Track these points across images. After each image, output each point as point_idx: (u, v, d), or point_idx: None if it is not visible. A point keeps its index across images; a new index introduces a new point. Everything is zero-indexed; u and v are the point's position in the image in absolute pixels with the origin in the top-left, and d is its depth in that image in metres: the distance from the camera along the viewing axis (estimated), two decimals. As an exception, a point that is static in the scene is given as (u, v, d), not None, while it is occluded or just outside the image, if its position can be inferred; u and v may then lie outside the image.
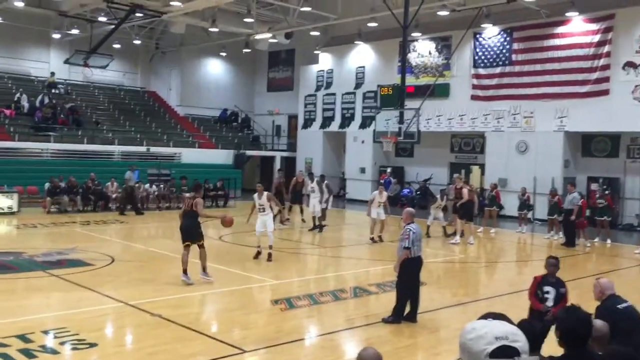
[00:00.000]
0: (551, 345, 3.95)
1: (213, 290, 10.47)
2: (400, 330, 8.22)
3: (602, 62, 21.05)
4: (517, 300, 10.52)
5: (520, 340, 1.81)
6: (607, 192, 18.94)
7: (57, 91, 29.80)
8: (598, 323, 4.32)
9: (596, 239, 17.56)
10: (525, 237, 19.03)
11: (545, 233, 18.71)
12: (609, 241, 17.54)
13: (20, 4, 23.92)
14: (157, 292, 10.01)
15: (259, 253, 12.90)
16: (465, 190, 16.88)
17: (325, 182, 18.73)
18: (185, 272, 10.52)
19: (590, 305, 4.54)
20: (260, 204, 12.94)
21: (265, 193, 13.07)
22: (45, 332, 7.51)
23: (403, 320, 8.44)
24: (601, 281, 5.93)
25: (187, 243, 10.71)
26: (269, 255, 12.89)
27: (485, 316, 3.24)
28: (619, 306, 5.49)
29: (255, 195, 13.06)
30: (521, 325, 3.66)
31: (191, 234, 10.72)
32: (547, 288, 6.79)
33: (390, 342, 7.73)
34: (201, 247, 10.76)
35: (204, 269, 10.80)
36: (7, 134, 24.63)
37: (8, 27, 28.41)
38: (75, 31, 29.07)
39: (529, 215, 20.32)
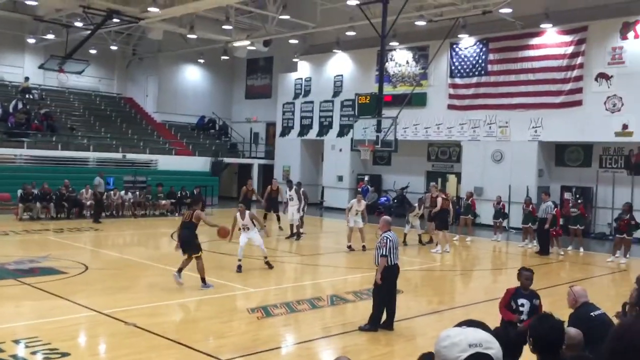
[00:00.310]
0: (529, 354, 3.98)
1: (189, 299, 10.38)
2: (377, 339, 8.24)
3: (575, 73, 21.44)
4: (492, 308, 10.59)
5: (493, 347, 1.82)
6: (580, 201, 19.25)
7: (31, 96, 29.37)
8: (572, 331, 4.37)
9: (569, 247, 17.81)
10: (501, 245, 19.23)
11: (519, 241, 18.92)
12: (581, 249, 17.80)
13: (-6, 8, 23.58)
14: (131, 300, 9.89)
15: (240, 267, 12.80)
16: (439, 199, 17.03)
17: (302, 189, 18.75)
18: (179, 271, 10.79)
19: (563, 313, 4.61)
20: (244, 224, 12.85)
21: (247, 212, 12.98)
22: (17, 342, 7.36)
23: (380, 328, 8.46)
24: (575, 289, 6.01)
25: (185, 255, 10.85)
26: (268, 264, 13.00)
27: (462, 324, 3.28)
28: (592, 313, 5.58)
29: (238, 215, 12.88)
30: (497, 332, 3.71)
31: (188, 245, 10.84)
32: (521, 300, 6.82)
33: (367, 350, 7.74)
34: (198, 259, 10.78)
35: (202, 280, 10.80)
36: (-21, 139, 24.19)
37: (-19, 31, 27.96)
38: (50, 36, 28.73)
39: (504, 223, 20.54)
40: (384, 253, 8.45)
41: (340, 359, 3.65)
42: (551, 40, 22.07)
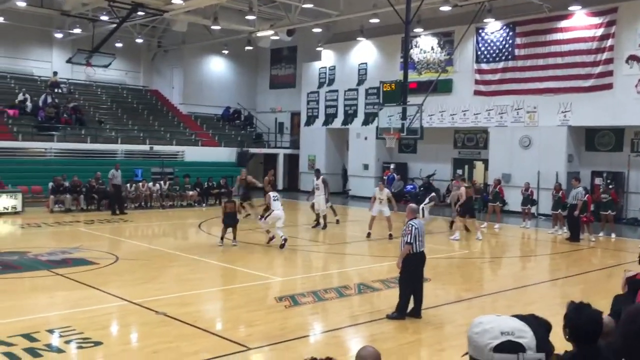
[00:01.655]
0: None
1: (217, 288, 10.49)
2: (405, 327, 8.22)
3: (605, 56, 20.97)
4: (521, 295, 10.52)
5: (526, 337, 1.80)
6: (611, 186, 18.88)
7: (59, 91, 29.84)
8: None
9: (601, 234, 17.52)
10: (529, 232, 19.00)
11: (549, 228, 18.67)
12: (613, 235, 17.50)
13: (23, 4, 23.95)
14: (161, 290, 10.02)
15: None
16: (462, 190, 16.87)
17: (322, 177, 18.56)
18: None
19: (596, 300, 4.53)
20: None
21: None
22: (51, 331, 7.52)
23: (407, 316, 8.44)
24: (630, 273, 5.87)
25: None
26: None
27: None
28: None
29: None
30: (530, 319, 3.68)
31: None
32: None
33: (394, 339, 7.73)
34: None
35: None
36: (10, 133, 24.69)
37: (10, 27, 28.45)
38: (77, 30, 29.11)
39: (533, 210, 20.27)
40: (408, 240, 8.43)
41: (366, 348, 3.64)
42: (580, 23, 21.60)
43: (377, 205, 16.32)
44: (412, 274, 8.48)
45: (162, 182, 23.77)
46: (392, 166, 27.55)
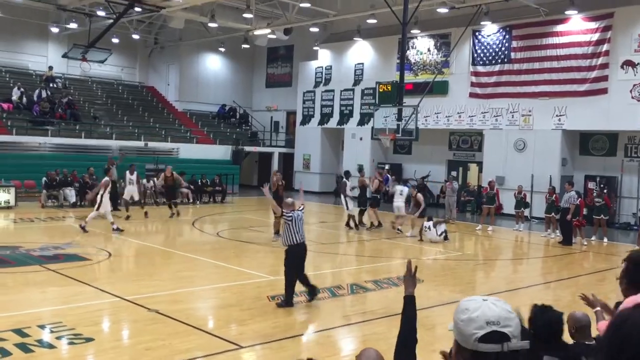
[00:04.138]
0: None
1: (210, 286, 10.48)
2: (397, 328, 8.21)
3: (600, 60, 21.06)
4: (513, 298, 10.54)
5: (511, 325, 1.80)
6: (605, 191, 18.97)
7: (55, 85, 29.73)
8: (578, 314, 4.39)
9: (593, 238, 17.59)
10: (522, 235, 19.07)
11: (542, 231, 18.74)
12: (605, 240, 17.58)
13: (19, -2, 23.84)
14: (154, 287, 10.00)
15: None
16: (419, 196, 17.22)
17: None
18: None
19: (584, 305, 4.55)
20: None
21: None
22: (42, 327, 7.49)
23: (312, 299, 9.17)
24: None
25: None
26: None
27: (537, 311, 3.36)
28: None
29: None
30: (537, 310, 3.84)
31: None
32: None
33: (386, 339, 7.73)
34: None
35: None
36: (4, 127, 24.59)
37: (6, 20, 28.31)
38: (73, 25, 28.98)
39: (526, 213, 20.34)
40: (287, 213, 9.14)
41: (368, 350, 3.61)
42: (576, 27, 21.69)
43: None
44: (294, 263, 9.01)
45: (155, 179, 23.70)
46: (386, 167, 27.55)
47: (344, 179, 18.70)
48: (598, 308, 5.45)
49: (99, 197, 15.65)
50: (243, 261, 12.65)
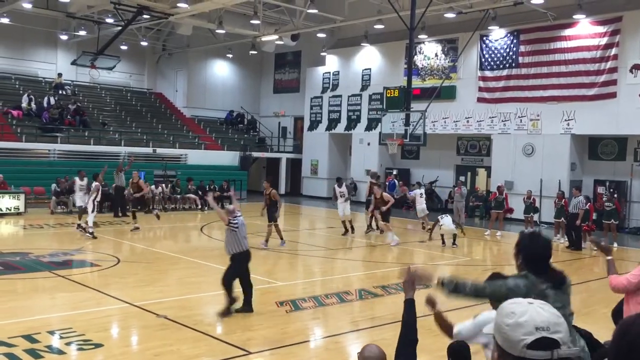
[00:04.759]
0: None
1: (218, 292, 10.46)
2: (406, 333, 8.19)
3: (609, 64, 20.98)
4: (523, 303, 10.47)
5: (561, 331, 1.73)
6: (615, 195, 18.85)
7: (64, 92, 29.93)
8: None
9: (602, 242, 17.44)
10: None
11: (551, 236, 18.63)
12: (615, 245, 17.43)
13: (28, 6, 24.04)
14: (162, 293, 10.02)
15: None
16: (385, 195, 16.66)
17: (344, 184, 18.70)
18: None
19: (597, 309, 4.52)
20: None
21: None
22: (51, 333, 7.51)
23: (243, 311, 8.70)
24: None
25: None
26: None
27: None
28: None
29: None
30: None
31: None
32: None
33: (395, 346, 7.70)
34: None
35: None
36: (14, 134, 24.76)
37: (16, 28, 28.57)
38: (82, 32, 29.22)
39: (535, 218, 20.23)
40: (232, 221, 8.80)
41: (369, 346, 3.68)
42: (584, 32, 21.62)
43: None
44: (236, 270, 8.79)
45: (164, 185, 23.80)
46: (394, 172, 27.54)
47: (335, 185, 18.51)
48: (610, 257, 5.48)
49: (92, 201, 15.84)
50: (251, 267, 12.63)
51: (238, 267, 8.84)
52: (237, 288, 8.84)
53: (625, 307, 5.51)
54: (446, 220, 16.12)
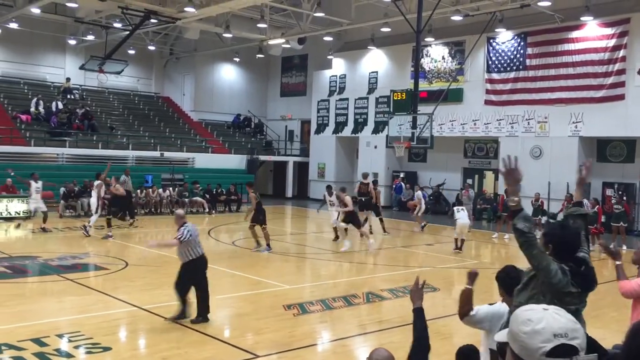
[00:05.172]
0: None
1: (226, 295, 10.49)
2: (414, 336, 8.17)
3: (617, 66, 20.88)
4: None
5: (579, 337, 1.71)
6: (624, 197, 18.75)
7: (72, 96, 30.10)
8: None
9: (611, 245, 17.34)
10: (535, 235, 18.83)
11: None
12: (624, 247, 17.33)
13: (37, 11, 24.21)
14: (170, 296, 10.01)
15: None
16: (347, 198, 15.68)
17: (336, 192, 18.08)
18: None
19: (606, 312, 4.50)
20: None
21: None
22: (60, 336, 7.55)
23: (198, 322, 8.31)
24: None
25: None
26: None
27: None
28: None
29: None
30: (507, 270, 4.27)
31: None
32: None
33: (404, 348, 7.65)
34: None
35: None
36: (23, 139, 24.91)
37: (25, 33, 28.78)
38: (90, 37, 29.39)
39: (543, 220, 20.14)
40: (179, 237, 8.55)
41: (378, 350, 3.67)
42: (592, 33, 21.54)
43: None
44: (189, 278, 8.50)
45: (171, 189, 23.88)
46: (401, 175, 27.54)
47: (325, 193, 17.86)
48: (619, 262, 5.49)
49: (96, 201, 16.27)
50: (259, 270, 12.66)
51: (190, 276, 8.51)
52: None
53: (634, 312, 5.49)
54: (462, 214, 15.57)
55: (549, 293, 3.56)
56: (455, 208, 16.41)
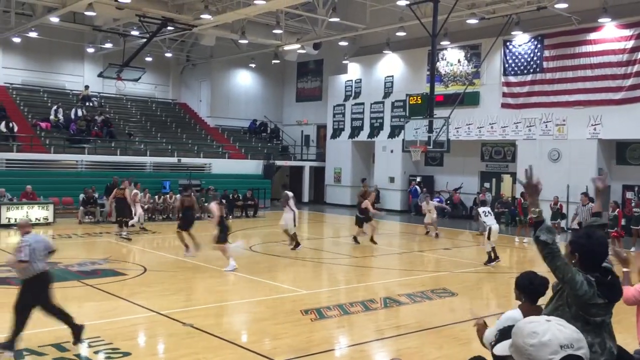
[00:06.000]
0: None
1: (244, 300, 10.54)
2: (431, 342, 8.15)
3: (636, 68, 20.66)
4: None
5: (583, 347, 1.73)
6: (643, 200, 18.52)
7: (91, 104, 30.45)
8: None
9: (632, 249, 17.16)
10: (559, 246, 18.66)
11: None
12: (645, 251, 17.12)
13: (56, 20, 24.55)
14: (188, 302, 10.11)
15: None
16: (212, 206, 14.24)
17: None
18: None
19: (624, 318, 4.44)
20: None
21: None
22: (80, 341, 7.62)
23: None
24: None
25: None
26: None
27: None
28: None
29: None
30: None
31: None
32: None
33: (421, 354, 7.67)
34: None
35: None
36: (43, 146, 25.25)
37: (44, 42, 29.22)
38: (108, 45, 29.75)
39: (562, 224, 19.96)
40: (23, 258, 7.05)
41: None
42: (610, 35, 21.33)
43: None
44: (29, 301, 7.15)
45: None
46: (418, 179, 27.46)
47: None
48: (627, 269, 5.38)
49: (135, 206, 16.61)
50: (276, 275, 12.69)
51: (29, 296, 7.14)
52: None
53: (638, 319, 5.43)
54: (491, 219, 14.56)
55: (574, 305, 3.50)
56: (481, 211, 14.94)
